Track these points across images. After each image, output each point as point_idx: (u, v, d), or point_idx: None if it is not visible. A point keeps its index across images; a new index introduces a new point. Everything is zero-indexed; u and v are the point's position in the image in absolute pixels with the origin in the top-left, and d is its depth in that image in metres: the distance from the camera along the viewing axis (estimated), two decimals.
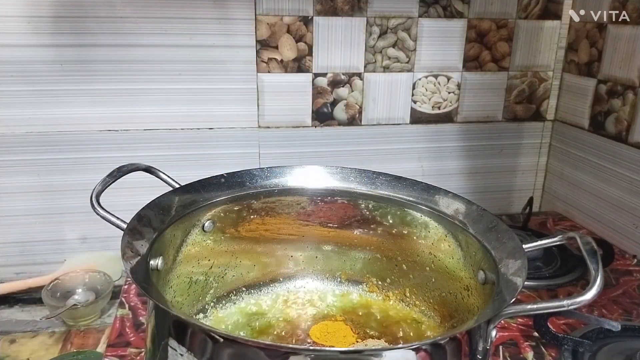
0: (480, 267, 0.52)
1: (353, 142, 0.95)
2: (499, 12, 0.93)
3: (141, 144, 0.86)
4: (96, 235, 0.87)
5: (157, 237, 0.51)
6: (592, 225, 0.95)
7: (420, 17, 0.90)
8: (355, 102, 0.93)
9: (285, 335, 0.61)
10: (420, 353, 0.39)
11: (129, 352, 0.62)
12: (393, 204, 0.62)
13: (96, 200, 0.51)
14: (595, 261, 0.43)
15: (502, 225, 0.52)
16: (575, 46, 0.97)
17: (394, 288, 0.65)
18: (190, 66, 0.84)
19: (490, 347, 0.43)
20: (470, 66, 0.95)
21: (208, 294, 0.63)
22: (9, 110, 0.80)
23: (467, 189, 1.02)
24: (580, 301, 0.39)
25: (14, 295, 0.82)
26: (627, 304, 0.73)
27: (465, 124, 0.99)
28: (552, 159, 1.05)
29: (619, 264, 0.83)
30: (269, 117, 0.90)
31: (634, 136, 0.85)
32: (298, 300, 0.66)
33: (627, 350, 0.61)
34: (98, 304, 0.77)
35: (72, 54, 0.80)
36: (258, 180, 0.63)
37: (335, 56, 0.89)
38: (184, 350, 0.40)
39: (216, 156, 0.89)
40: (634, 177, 0.85)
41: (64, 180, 0.84)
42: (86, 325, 0.76)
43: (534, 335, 0.65)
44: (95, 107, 0.83)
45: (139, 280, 0.43)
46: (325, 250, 0.67)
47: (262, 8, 0.84)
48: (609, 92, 0.90)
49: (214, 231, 0.61)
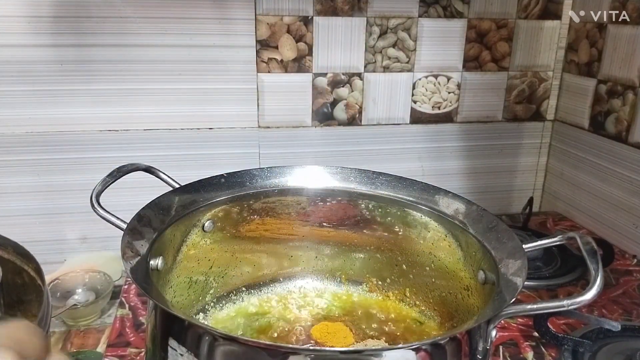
0: (480, 267, 0.52)
1: (353, 142, 0.95)
2: (499, 12, 0.93)
3: (141, 144, 0.86)
4: (96, 235, 0.87)
5: (157, 237, 0.51)
6: (592, 225, 0.95)
7: (420, 17, 0.90)
8: (355, 102, 0.93)
9: (285, 335, 0.61)
10: (420, 353, 0.39)
11: (129, 352, 0.62)
12: (393, 204, 0.62)
13: (96, 200, 0.51)
14: (595, 261, 0.43)
15: (502, 225, 0.52)
16: (575, 46, 0.97)
17: (394, 288, 0.65)
18: (190, 66, 0.84)
19: (490, 347, 0.43)
20: (470, 66, 0.95)
21: (208, 294, 0.63)
22: (9, 110, 0.80)
23: (467, 189, 1.02)
24: (580, 301, 0.39)
25: None
26: (627, 304, 0.73)
27: (465, 124, 0.99)
28: (552, 159, 1.05)
29: (619, 264, 0.83)
30: (269, 117, 0.90)
31: (634, 136, 0.85)
32: (298, 300, 0.66)
33: (627, 350, 0.61)
34: (98, 304, 0.77)
35: (72, 54, 0.80)
36: (258, 180, 0.63)
37: (335, 56, 0.89)
38: (184, 350, 0.40)
39: (216, 156, 0.89)
40: (634, 177, 0.85)
41: (64, 180, 0.84)
42: (86, 325, 0.76)
43: (534, 335, 0.65)
44: (95, 107, 0.83)
45: (139, 280, 0.43)
46: (325, 250, 0.67)
47: (262, 8, 0.84)
48: (609, 92, 0.90)
49: (214, 231, 0.61)
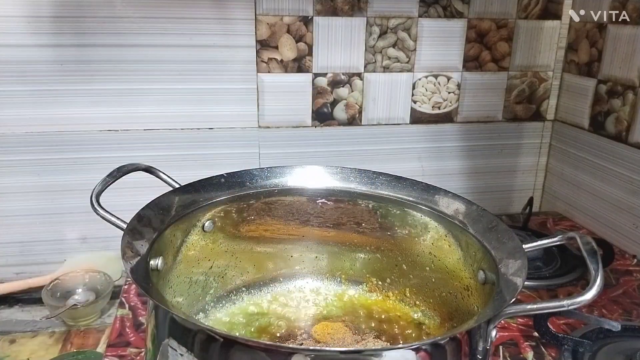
0: (480, 267, 0.52)
1: (353, 142, 0.95)
2: (499, 12, 0.93)
3: (141, 144, 0.86)
4: (96, 235, 0.87)
5: (157, 237, 0.51)
6: (592, 225, 0.95)
7: (420, 17, 0.90)
8: (355, 102, 0.93)
9: (285, 335, 0.61)
10: (420, 353, 0.39)
11: (129, 352, 0.62)
12: (393, 204, 0.62)
13: (96, 201, 0.51)
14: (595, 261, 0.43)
15: (502, 225, 0.52)
16: (575, 46, 0.97)
17: (394, 288, 0.65)
18: (190, 66, 0.84)
19: (490, 347, 0.43)
20: (470, 66, 0.95)
21: (208, 294, 0.63)
22: (9, 110, 0.80)
23: (467, 189, 1.02)
24: (580, 301, 0.39)
25: (14, 295, 0.82)
26: (627, 304, 0.73)
27: (465, 124, 0.99)
28: (552, 159, 1.05)
29: (619, 264, 0.83)
30: (269, 117, 0.90)
31: (634, 136, 0.85)
32: (298, 300, 0.66)
33: (627, 350, 0.61)
34: (98, 304, 0.77)
35: (72, 54, 0.80)
36: (258, 180, 0.63)
37: (335, 56, 0.89)
38: (184, 350, 0.40)
39: (216, 156, 0.89)
40: (634, 177, 0.85)
41: (64, 180, 0.84)
42: (86, 325, 0.76)
43: (534, 335, 0.65)
44: (95, 107, 0.83)
45: (139, 280, 0.43)
46: (325, 250, 0.67)
47: (262, 8, 0.84)
48: (609, 92, 0.90)
49: (214, 231, 0.61)
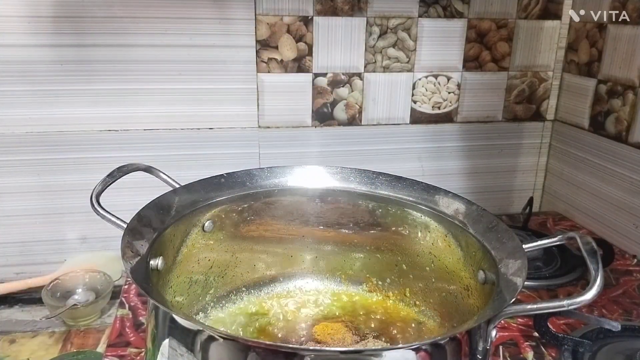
0: (480, 267, 0.52)
1: (353, 142, 0.95)
2: (499, 12, 0.93)
3: (141, 144, 0.86)
4: (96, 235, 0.87)
5: (157, 237, 0.51)
6: (592, 225, 0.95)
7: (420, 17, 0.90)
8: (355, 102, 0.93)
9: (285, 335, 0.61)
10: (420, 353, 0.39)
11: (129, 352, 0.62)
12: (393, 204, 0.62)
13: (96, 201, 0.51)
14: (595, 261, 0.43)
15: (502, 225, 0.52)
16: (575, 46, 0.97)
17: (394, 288, 0.65)
18: (190, 66, 0.84)
19: (490, 347, 0.43)
20: (470, 66, 0.95)
21: (208, 294, 0.63)
22: (9, 110, 0.80)
23: (467, 189, 1.02)
24: (580, 301, 0.39)
25: (14, 295, 0.82)
26: (627, 304, 0.73)
27: (465, 124, 0.99)
28: (552, 159, 1.05)
29: (619, 264, 0.83)
30: (269, 117, 0.90)
31: (634, 136, 0.85)
32: (298, 300, 0.66)
33: (627, 350, 0.61)
34: (98, 304, 0.77)
35: (72, 54, 0.80)
36: (258, 180, 0.63)
37: (335, 56, 0.89)
38: (184, 350, 0.40)
39: (216, 156, 0.89)
40: (634, 177, 0.85)
41: (64, 180, 0.84)
42: (86, 325, 0.76)
43: (534, 335, 0.65)
44: (95, 107, 0.83)
45: (139, 280, 0.43)
46: (325, 250, 0.67)
47: (262, 8, 0.84)
48: (609, 92, 0.90)
49: (214, 231, 0.61)
